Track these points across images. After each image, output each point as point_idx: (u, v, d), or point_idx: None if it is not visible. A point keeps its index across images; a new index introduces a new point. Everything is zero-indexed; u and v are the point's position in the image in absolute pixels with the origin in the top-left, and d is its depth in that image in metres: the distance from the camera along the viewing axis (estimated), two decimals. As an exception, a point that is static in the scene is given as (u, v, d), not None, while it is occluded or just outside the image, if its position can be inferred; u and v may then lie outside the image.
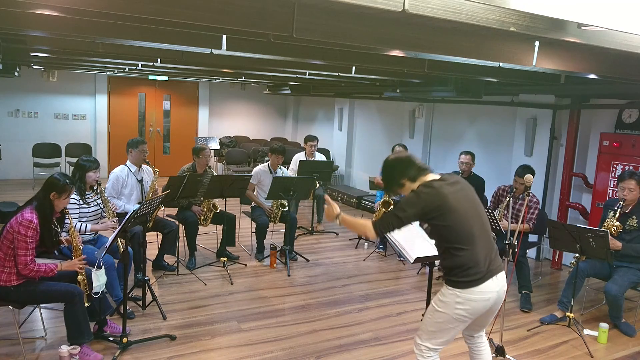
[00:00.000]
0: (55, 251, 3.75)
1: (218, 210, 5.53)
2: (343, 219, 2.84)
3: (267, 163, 6.15)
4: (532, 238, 5.52)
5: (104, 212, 4.28)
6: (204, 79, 10.76)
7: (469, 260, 2.58)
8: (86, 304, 3.46)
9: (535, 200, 4.95)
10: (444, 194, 2.57)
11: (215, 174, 5.71)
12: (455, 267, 2.61)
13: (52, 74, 9.88)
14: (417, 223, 3.37)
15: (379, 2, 1.76)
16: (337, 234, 7.24)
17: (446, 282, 2.68)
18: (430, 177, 2.69)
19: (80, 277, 3.48)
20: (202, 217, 5.48)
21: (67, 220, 3.64)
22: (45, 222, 3.35)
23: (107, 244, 3.48)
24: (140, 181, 5.03)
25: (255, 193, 6.03)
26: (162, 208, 5.33)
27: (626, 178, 4.32)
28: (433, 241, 3.16)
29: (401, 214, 2.59)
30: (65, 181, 3.42)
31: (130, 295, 4.38)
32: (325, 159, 7.66)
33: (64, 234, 3.70)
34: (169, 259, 5.37)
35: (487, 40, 2.73)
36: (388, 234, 3.13)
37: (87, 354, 3.43)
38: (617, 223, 4.33)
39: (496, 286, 2.64)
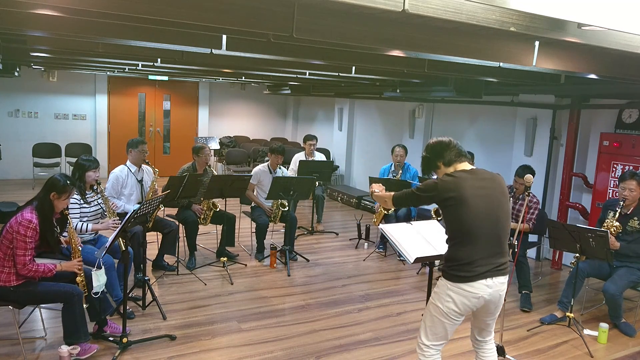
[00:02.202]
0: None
1: (218, 209, 5.54)
2: (376, 196, 3.14)
3: (266, 163, 6.15)
4: (532, 238, 5.52)
5: (105, 212, 4.28)
6: (204, 79, 10.76)
7: (466, 257, 2.60)
8: (85, 305, 3.46)
9: (535, 200, 4.95)
10: (461, 186, 2.59)
11: (215, 172, 5.72)
12: (452, 259, 2.67)
13: (52, 74, 9.88)
14: (417, 222, 3.38)
15: (379, 2, 1.76)
16: (337, 234, 7.24)
17: (442, 274, 2.73)
18: (464, 166, 2.72)
19: (78, 279, 3.49)
20: (202, 216, 5.49)
21: (67, 222, 3.63)
22: (46, 222, 3.35)
23: (107, 244, 3.47)
24: (140, 181, 5.03)
25: (255, 193, 6.03)
26: (162, 208, 5.33)
27: (627, 178, 4.32)
28: (433, 241, 3.16)
29: (418, 193, 2.75)
30: (66, 182, 3.42)
31: (130, 295, 4.38)
32: (325, 159, 7.66)
33: (64, 234, 3.70)
34: (169, 259, 5.37)
35: (487, 40, 2.73)
36: (387, 233, 3.14)
37: (85, 350, 3.45)
38: (617, 224, 4.33)
39: (489, 287, 2.61)
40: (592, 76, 3.48)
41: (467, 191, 2.58)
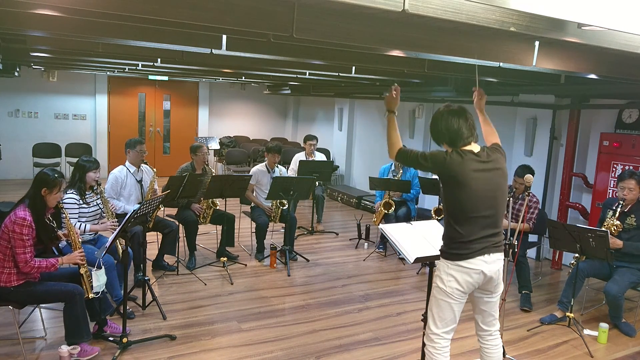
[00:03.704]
0: (55, 250, 3.74)
1: (217, 207, 5.55)
2: (390, 120, 2.99)
3: (264, 162, 6.14)
4: (532, 238, 5.51)
5: (104, 213, 4.27)
6: (204, 79, 10.76)
7: (464, 236, 2.64)
8: (90, 296, 3.44)
9: (535, 200, 4.95)
10: (465, 167, 2.61)
11: (213, 171, 5.73)
12: (449, 238, 2.72)
13: (52, 74, 9.88)
14: (417, 222, 3.37)
15: (379, 2, 1.76)
16: (337, 234, 7.24)
17: (440, 254, 2.77)
18: (472, 147, 2.72)
19: (82, 270, 3.45)
20: (202, 215, 5.49)
21: (62, 215, 3.60)
22: (39, 219, 3.31)
23: (107, 244, 3.47)
24: (140, 182, 5.02)
25: (254, 194, 6.03)
26: (162, 208, 5.33)
27: (626, 178, 4.33)
28: (433, 241, 3.16)
29: (422, 162, 2.73)
30: (55, 175, 3.37)
31: (130, 295, 4.37)
32: (325, 159, 7.66)
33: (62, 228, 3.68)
34: (169, 259, 5.37)
35: (487, 40, 2.74)
36: (387, 233, 3.14)
37: (86, 351, 3.44)
38: (617, 222, 4.33)
39: (486, 263, 2.67)
40: (592, 76, 3.48)
41: (470, 174, 2.61)
